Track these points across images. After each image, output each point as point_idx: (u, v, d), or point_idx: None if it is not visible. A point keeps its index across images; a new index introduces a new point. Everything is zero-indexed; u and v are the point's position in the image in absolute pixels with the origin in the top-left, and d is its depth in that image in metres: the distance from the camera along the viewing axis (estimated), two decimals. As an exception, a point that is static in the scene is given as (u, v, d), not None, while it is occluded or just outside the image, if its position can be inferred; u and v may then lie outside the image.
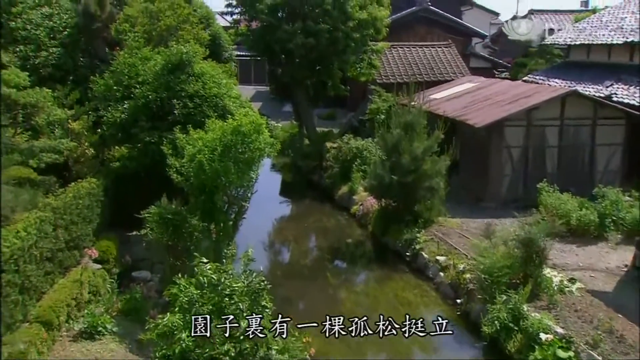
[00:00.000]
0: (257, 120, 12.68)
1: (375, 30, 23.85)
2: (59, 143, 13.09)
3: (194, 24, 19.45)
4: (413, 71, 27.98)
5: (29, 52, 17.31)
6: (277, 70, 27.31)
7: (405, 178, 16.06)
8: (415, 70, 28.10)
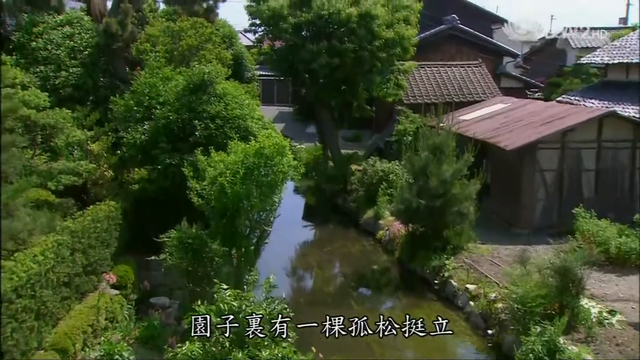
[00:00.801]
0: (280, 142, 12.73)
1: (403, 49, 23.93)
2: (78, 165, 13.31)
3: (216, 44, 19.75)
4: (441, 91, 27.95)
5: (49, 72, 17.71)
6: (300, 91, 27.51)
7: (434, 202, 15.98)
8: (443, 91, 28.07)
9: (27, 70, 17.12)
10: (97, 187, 15.00)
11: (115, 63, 19.62)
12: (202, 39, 18.97)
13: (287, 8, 22.56)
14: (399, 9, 24.01)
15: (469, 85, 28.64)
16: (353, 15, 21.90)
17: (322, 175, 25.43)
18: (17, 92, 12.37)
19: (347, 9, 21.98)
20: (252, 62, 32.70)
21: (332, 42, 22.26)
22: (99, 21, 19.89)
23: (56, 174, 12.58)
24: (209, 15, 22.48)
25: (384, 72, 24.52)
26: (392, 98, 25.93)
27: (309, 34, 23.60)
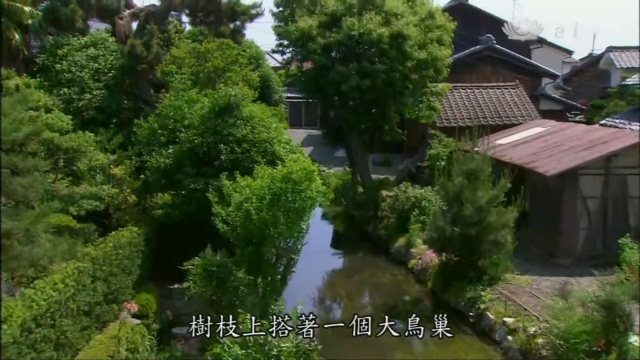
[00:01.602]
0: (308, 167, 12.75)
1: (436, 70, 23.94)
2: (100, 189, 13.49)
3: (243, 65, 19.97)
4: (477, 114, 27.82)
5: (72, 94, 18.09)
6: (329, 113, 27.62)
7: (469, 230, 15.81)
8: (479, 113, 27.93)
9: (51, 92, 17.52)
10: (119, 213, 15.16)
11: (139, 85, 19.97)
12: (228, 61, 19.20)
13: (316, 28, 22.75)
14: (432, 29, 24.07)
15: (506, 107, 28.47)
16: (384, 36, 22.00)
17: (352, 201, 25.37)
18: (40, 115, 12.64)
19: (378, 29, 22.09)
20: (280, 84, 33.02)
21: (363, 63, 22.35)
22: (124, 43, 20.31)
23: (78, 198, 12.76)
24: (235, 36, 22.83)
25: (416, 94, 24.52)
26: (425, 121, 25.88)
27: (338, 55, 23.75)
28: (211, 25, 23.15)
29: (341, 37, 22.43)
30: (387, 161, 32.29)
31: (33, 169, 9.85)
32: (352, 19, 22.42)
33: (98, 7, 21.13)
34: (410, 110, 25.20)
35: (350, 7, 22.87)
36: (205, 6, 22.30)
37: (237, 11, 22.85)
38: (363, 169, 26.49)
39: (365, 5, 22.91)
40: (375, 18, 22.37)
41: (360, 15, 22.61)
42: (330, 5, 23.10)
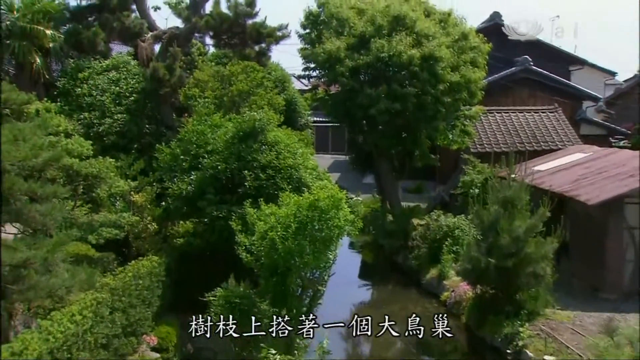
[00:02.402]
0: (335, 195, 12.76)
1: (469, 93, 23.88)
2: (120, 217, 13.62)
3: (268, 89, 20.16)
4: (513, 139, 27.61)
5: (93, 119, 18.43)
6: (358, 138, 27.64)
7: (505, 262, 15.59)
8: (515, 138, 27.73)
9: (71, 117, 17.86)
10: (139, 241, 15.29)
11: (161, 109, 20.26)
12: (253, 84, 19.40)
13: (344, 51, 22.88)
14: (465, 51, 24.07)
15: (544, 132, 28.23)
16: (415, 58, 22.05)
17: (381, 230, 25.23)
18: (60, 140, 12.86)
19: (409, 50, 22.15)
20: (306, 108, 33.19)
21: (392, 86, 22.38)
22: (146, 66, 20.67)
23: (97, 226, 12.90)
24: (260, 59, 23.14)
25: (448, 118, 24.45)
26: (458, 146, 25.75)
27: (367, 77, 23.82)
28: (236, 48, 23.52)
29: (370, 59, 22.51)
30: (418, 188, 32.12)
31: (52, 196, 9.98)
32: (381, 40, 22.51)
33: (120, 30, 21.60)
34: (442, 135, 25.10)
35: (380, 28, 22.98)
36: (230, 28, 22.69)
37: (263, 33, 23.19)
38: (393, 196, 26.39)
39: (396, 27, 23.01)
40: (405, 39, 22.44)
41: (390, 37, 22.71)
42: (358, 27, 23.25)
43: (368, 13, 23.65)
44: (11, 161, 9.10)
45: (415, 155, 25.42)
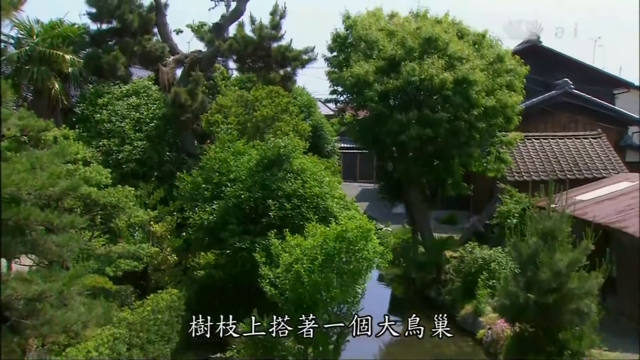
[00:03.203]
0: (364, 225, 12.73)
1: (505, 118, 23.74)
2: (139, 248, 13.71)
3: (293, 114, 20.26)
4: (553, 167, 27.36)
5: (112, 146, 18.66)
6: (387, 165, 27.60)
7: (546, 298, 15.32)
8: (555, 166, 27.47)
9: (90, 143, 18.10)
10: (158, 273, 15.34)
11: (183, 136, 20.45)
12: (278, 109, 19.51)
13: (372, 74, 22.94)
14: (501, 74, 24.00)
15: (586, 159, 27.93)
16: (448, 81, 22.03)
17: (412, 263, 25.03)
18: (78, 168, 13.02)
19: (441, 74, 22.13)
20: (333, 134, 33.31)
21: (424, 111, 22.36)
22: (167, 91, 20.94)
23: (115, 258, 12.98)
24: (286, 83, 23.30)
25: (483, 145, 24.32)
26: (493, 174, 25.55)
27: (397, 102, 23.83)
28: (260, 72, 23.73)
29: (400, 83, 22.54)
30: (451, 218, 31.91)
31: (69, 226, 10.08)
32: (412, 63, 22.54)
33: (141, 54, 21.96)
34: (476, 162, 24.94)
35: (411, 51, 23.03)
36: (255, 51, 22.92)
37: (288, 57, 23.38)
38: (424, 227, 26.19)
39: (427, 49, 23.03)
40: (437, 62, 22.45)
41: (422, 60, 22.73)
42: (388, 49, 23.31)
43: (398, 35, 23.73)
44: (28, 190, 9.22)
45: (448, 184, 25.26)
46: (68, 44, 20.51)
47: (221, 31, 23.91)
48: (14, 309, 9.09)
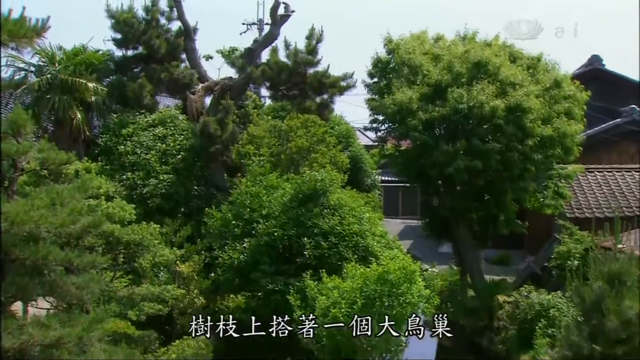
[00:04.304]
0: (408, 266, 12.68)
1: (564, 149, 23.49)
2: (164, 290, 13.74)
3: (330, 145, 20.31)
4: (618, 202, 26.87)
5: (137, 179, 18.89)
6: (432, 200, 27.43)
7: (613, 350, 14.93)
8: (621, 202, 26.98)
9: (113, 177, 18.34)
10: (184, 317, 15.33)
11: (212, 169, 20.62)
12: (314, 140, 19.58)
13: (416, 101, 22.91)
14: (558, 100, 23.80)
15: (656, 194, 27.43)
16: (499, 109, 21.90)
17: (460, 308, 24.70)
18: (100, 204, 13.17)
19: (492, 101, 22.01)
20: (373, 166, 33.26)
21: (473, 141, 22.22)
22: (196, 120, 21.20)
23: (138, 300, 13.03)
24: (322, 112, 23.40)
25: (539, 178, 24.05)
26: (551, 211, 25.22)
27: (443, 131, 23.76)
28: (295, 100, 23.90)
29: (447, 111, 22.47)
30: (503, 259, 31.51)
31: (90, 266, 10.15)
32: (460, 90, 22.48)
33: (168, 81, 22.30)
34: (532, 197, 24.66)
35: (458, 76, 22.99)
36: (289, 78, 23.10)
37: (325, 83, 23.51)
38: (474, 268, 25.89)
39: (476, 74, 22.97)
40: (488, 88, 22.35)
41: (470, 86, 22.66)
42: (433, 75, 23.29)
43: (444, 59, 23.73)
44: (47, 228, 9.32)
45: (500, 221, 24.96)
46: (91, 72, 20.91)
47: (253, 57, 24.18)
48: (30, 356, 9.13)
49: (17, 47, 10.78)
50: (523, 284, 23.52)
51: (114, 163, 19.61)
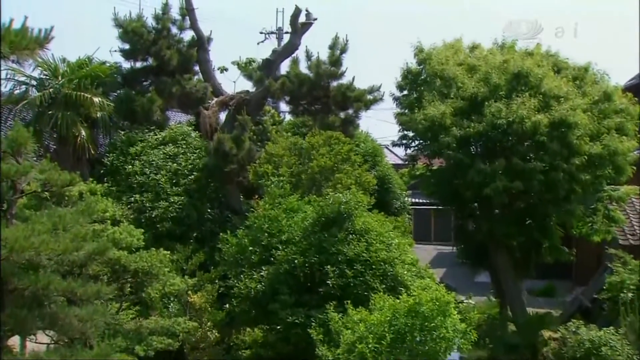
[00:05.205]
0: (441, 297, 12.61)
1: (615, 168, 23.33)
2: (175, 323, 13.79)
3: (356, 164, 20.34)
4: (675, 227, 26.68)
5: (145, 202, 19.00)
6: (468, 225, 27.34)
7: (670, 390, 14.81)
8: (678, 226, 26.79)
9: (120, 199, 18.48)
10: (197, 352, 15.39)
11: (227, 190, 20.70)
12: (337, 158, 19.63)
13: (450, 117, 22.91)
14: (608, 115, 23.69)
15: None
16: (542, 124, 21.83)
17: (500, 344, 24.51)
18: (106, 229, 13.26)
19: (534, 116, 21.96)
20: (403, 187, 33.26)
21: (513, 159, 22.16)
22: (210, 137, 21.33)
23: (146, 334, 13.08)
24: (347, 128, 23.44)
25: (587, 201, 23.89)
26: (601, 237, 25.04)
27: (479, 149, 23.74)
28: (317, 115, 23.98)
29: (484, 126, 22.45)
30: (548, 290, 31.30)
31: (94, 297, 10.22)
32: (498, 103, 22.45)
33: (180, 96, 22.48)
34: (579, 221, 24.49)
35: (496, 88, 22.96)
36: (311, 91, 23.19)
37: (350, 97, 23.56)
38: (515, 300, 25.71)
39: (516, 86, 22.93)
40: (529, 102, 22.30)
41: (509, 99, 22.64)
42: (469, 87, 23.29)
43: (481, 70, 23.74)
44: (49, 255, 9.40)
45: (544, 248, 24.83)
46: (97, 85, 21.06)
47: (272, 68, 24.31)
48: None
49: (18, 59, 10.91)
50: (571, 318, 23.30)
51: (121, 184, 19.75)
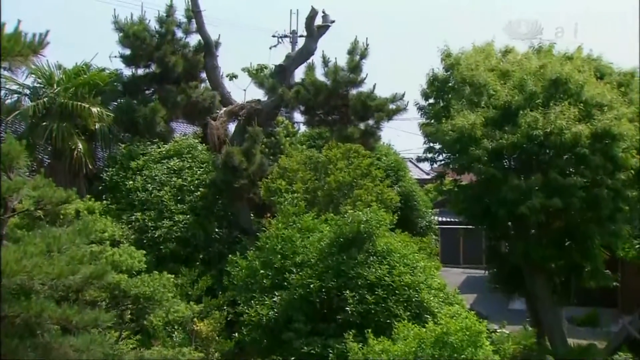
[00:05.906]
0: (472, 326, 12.56)
1: (665, 185, 23.25)
2: (179, 353, 13.79)
3: (377, 179, 20.30)
4: None
5: (147, 221, 19.02)
6: (501, 246, 27.25)
7: None
8: None
9: (120, 218, 18.52)
10: (203, 387, 15.35)
11: (236, 207, 20.72)
12: (357, 173, 19.62)
13: (480, 127, 22.87)
14: (659, 125, 23.59)
15: None
16: (583, 136, 21.75)
17: (538, 378, 24.47)
18: (105, 250, 13.31)
19: (574, 126, 21.89)
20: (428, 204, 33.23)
21: (550, 174, 22.09)
22: (218, 150, 21.34)
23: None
24: (367, 140, 23.40)
25: (633, 220, 23.76)
26: (650, 259, 24.92)
27: (513, 163, 23.69)
28: (334, 126, 23.96)
29: (518, 138, 22.40)
30: (591, 318, 31.11)
31: (91, 325, 10.23)
32: (534, 113, 22.41)
33: (185, 105, 22.55)
34: (625, 243, 24.35)
35: (532, 96, 22.90)
36: (328, 100, 23.19)
37: (371, 106, 23.53)
38: (554, 329, 25.57)
39: (554, 94, 22.87)
40: (568, 111, 22.24)
41: (547, 108, 22.58)
42: (501, 95, 23.25)
43: (515, 76, 23.69)
44: (42, 279, 9.41)
45: (586, 272, 24.68)
46: (95, 94, 21.13)
47: (286, 75, 24.34)
48: None
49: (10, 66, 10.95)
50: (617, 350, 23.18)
51: (121, 201, 19.80)
